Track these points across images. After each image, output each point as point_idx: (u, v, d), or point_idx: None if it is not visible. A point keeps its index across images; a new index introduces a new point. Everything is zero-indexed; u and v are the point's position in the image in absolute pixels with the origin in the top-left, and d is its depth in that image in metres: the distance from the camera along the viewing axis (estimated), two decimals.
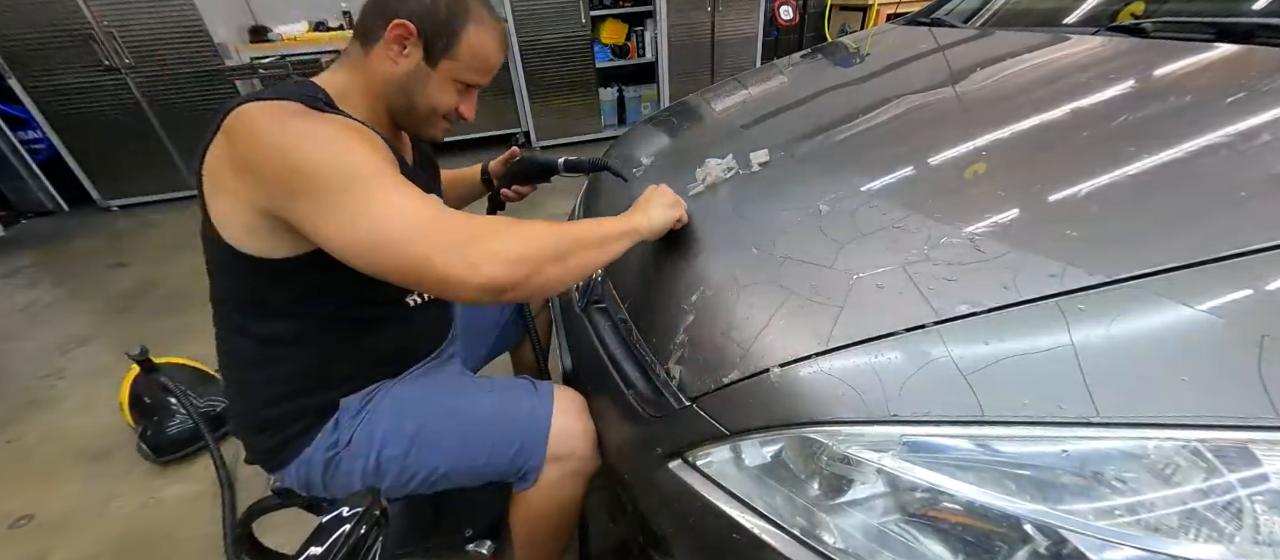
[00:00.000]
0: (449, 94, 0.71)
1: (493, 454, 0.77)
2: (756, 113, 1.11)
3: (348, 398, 0.76)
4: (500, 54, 0.73)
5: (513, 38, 3.45)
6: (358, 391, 0.77)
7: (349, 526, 0.46)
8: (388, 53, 0.67)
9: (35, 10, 2.64)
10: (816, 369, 0.50)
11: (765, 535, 0.51)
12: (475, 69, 0.71)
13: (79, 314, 2.23)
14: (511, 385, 0.85)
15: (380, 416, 0.76)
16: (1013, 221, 0.55)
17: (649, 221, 0.70)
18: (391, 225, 0.54)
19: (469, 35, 0.68)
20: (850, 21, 4.10)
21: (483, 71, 0.72)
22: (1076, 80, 0.79)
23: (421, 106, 0.71)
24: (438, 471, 0.76)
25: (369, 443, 0.74)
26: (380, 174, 0.57)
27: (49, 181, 3.14)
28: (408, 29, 0.65)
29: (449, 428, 0.77)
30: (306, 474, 0.75)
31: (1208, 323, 0.39)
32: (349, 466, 0.74)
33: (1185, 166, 0.55)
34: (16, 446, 1.56)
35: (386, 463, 0.74)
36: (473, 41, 0.68)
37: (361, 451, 0.74)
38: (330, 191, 0.55)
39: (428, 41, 0.67)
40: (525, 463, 0.77)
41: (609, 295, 0.84)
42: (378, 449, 0.74)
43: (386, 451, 0.74)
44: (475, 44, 0.69)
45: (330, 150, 0.56)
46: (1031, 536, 0.40)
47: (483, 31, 0.69)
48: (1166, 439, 0.38)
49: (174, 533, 1.27)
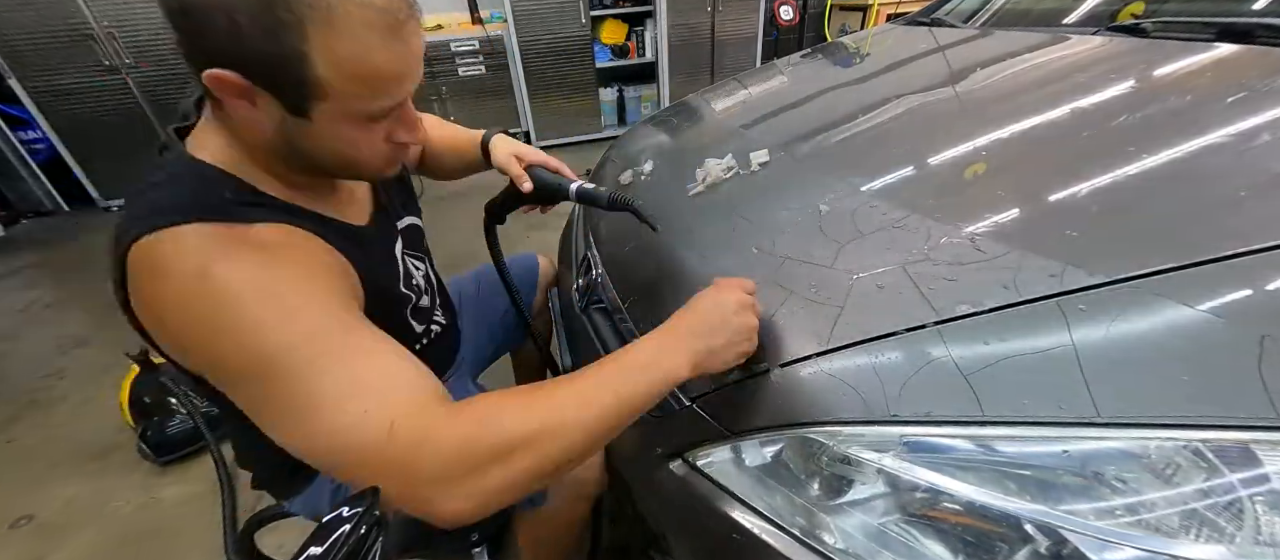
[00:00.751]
0: (360, 135, 0.49)
1: None
2: (757, 113, 1.11)
3: None
4: (391, 46, 0.45)
5: (513, 38, 3.45)
6: None
7: (349, 526, 0.46)
8: (240, 111, 0.46)
9: (35, 10, 2.64)
10: (817, 369, 0.50)
11: (765, 535, 0.51)
12: (366, 93, 0.46)
13: (79, 314, 2.23)
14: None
15: None
16: (1013, 221, 0.55)
17: (709, 362, 0.49)
18: (330, 443, 0.41)
19: (321, 52, 0.42)
20: (850, 21, 4.10)
21: (379, 90, 0.47)
22: (1076, 80, 0.79)
23: (332, 163, 0.52)
24: None
25: None
26: (323, 342, 0.43)
27: (49, 181, 3.14)
28: (231, 79, 0.43)
29: None
30: (315, 505, 0.73)
31: (1208, 323, 0.39)
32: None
33: (1185, 166, 0.55)
34: (16, 446, 1.56)
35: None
36: (334, 57, 0.43)
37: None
38: (258, 389, 0.43)
39: (271, 87, 0.44)
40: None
41: (609, 295, 0.84)
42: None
43: None
44: (340, 57, 0.43)
45: (251, 334, 0.42)
46: (1032, 536, 0.40)
47: (338, 32, 0.42)
48: (1167, 439, 0.37)
49: (174, 533, 1.27)
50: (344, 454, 0.41)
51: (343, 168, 0.54)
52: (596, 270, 0.93)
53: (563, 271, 1.17)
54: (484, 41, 3.45)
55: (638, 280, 0.80)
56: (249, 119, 0.47)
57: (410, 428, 0.41)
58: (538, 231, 2.50)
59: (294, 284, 0.45)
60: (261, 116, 0.47)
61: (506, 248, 0.96)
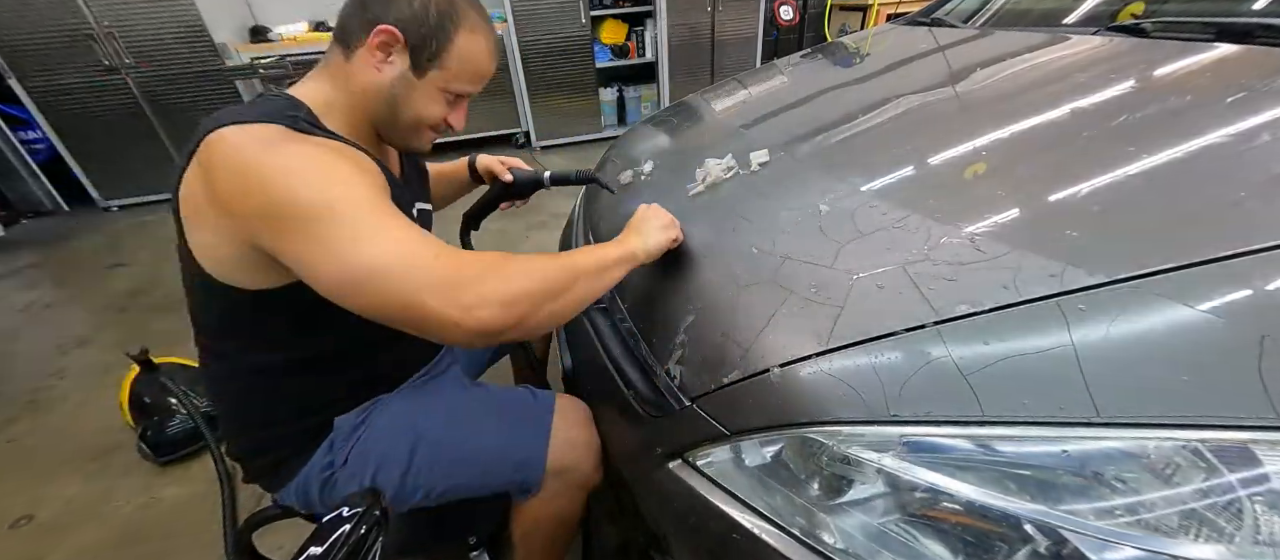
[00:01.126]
0: (437, 105, 0.67)
1: (490, 472, 0.76)
2: (757, 113, 1.11)
3: (342, 417, 0.74)
4: (492, 62, 0.69)
5: (513, 38, 3.45)
6: (352, 409, 0.74)
7: (349, 527, 0.46)
8: (371, 60, 0.63)
9: (35, 10, 2.64)
10: (817, 369, 0.50)
11: (765, 535, 0.51)
12: (465, 79, 0.67)
13: (79, 314, 2.23)
14: (511, 397, 0.83)
15: (376, 436, 0.74)
16: (1013, 221, 0.55)
17: (645, 245, 0.69)
18: (378, 263, 0.50)
19: (459, 43, 0.64)
20: (850, 21, 4.10)
21: (473, 81, 0.68)
22: (1076, 80, 0.79)
23: (406, 118, 0.67)
24: (435, 490, 0.74)
25: (364, 463, 0.72)
26: (369, 205, 0.54)
27: (49, 181, 3.14)
28: (393, 35, 0.61)
29: (446, 446, 0.75)
30: (305, 494, 0.74)
31: (1208, 323, 0.39)
32: (345, 486, 0.72)
33: (1185, 166, 0.55)
34: (16, 446, 1.56)
35: (383, 484, 0.72)
36: (463, 49, 0.64)
37: (357, 472, 0.72)
38: (315, 227, 0.51)
39: (414, 49, 0.63)
40: (525, 478, 0.76)
41: (609, 295, 0.84)
42: (374, 470, 0.72)
43: (382, 473, 0.72)
44: (466, 52, 0.65)
45: (314, 182, 0.53)
46: (1031, 536, 0.40)
47: (475, 38, 0.65)
48: (1166, 439, 0.37)
49: (174, 533, 1.27)
50: (392, 262, 0.50)
51: (408, 122, 0.68)
52: None
53: None
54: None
55: (637, 280, 0.80)
56: (370, 67, 0.63)
57: (450, 251, 0.54)
58: (538, 232, 2.51)
59: (346, 169, 0.56)
60: (386, 68, 0.63)
61: (509, 248, 0.97)
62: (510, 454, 0.75)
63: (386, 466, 0.72)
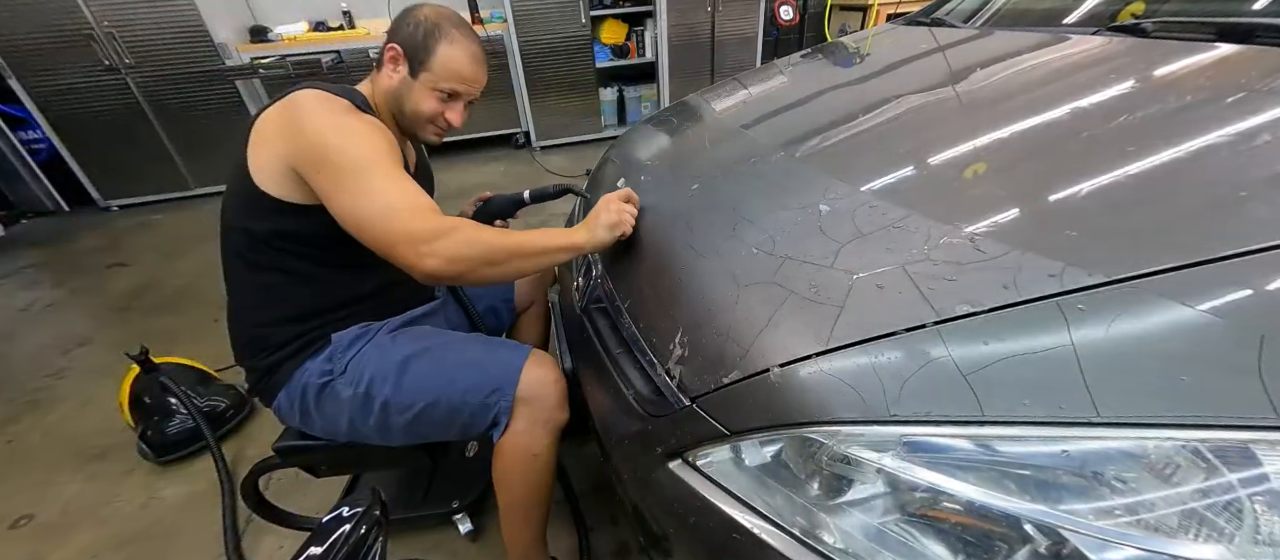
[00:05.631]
0: (430, 101, 0.87)
1: (469, 392, 0.85)
2: (757, 112, 1.11)
3: (339, 333, 0.87)
4: (473, 66, 0.87)
5: (513, 38, 3.46)
6: (348, 327, 0.88)
7: (349, 526, 0.46)
8: (387, 69, 0.87)
9: (35, 10, 2.64)
10: (816, 369, 0.50)
11: (765, 535, 0.51)
12: (448, 78, 0.86)
13: (79, 314, 2.23)
14: (491, 339, 0.99)
15: (371, 354, 0.87)
16: (1013, 221, 0.55)
17: (591, 238, 0.81)
18: (375, 210, 0.72)
19: (441, 52, 0.84)
20: (850, 21, 4.10)
21: (456, 80, 0.86)
22: (1076, 80, 0.79)
23: (409, 111, 0.88)
24: (417, 405, 0.85)
25: (359, 374, 0.85)
26: (386, 168, 0.74)
27: (49, 181, 3.14)
28: (397, 50, 0.85)
29: (432, 364, 0.88)
30: (301, 399, 0.86)
31: (1208, 323, 0.39)
32: (340, 393, 0.85)
33: (1185, 166, 0.55)
34: (16, 446, 1.56)
35: (375, 395, 0.85)
36: (443, 56, 0.85)
37: (352, 380, 0.85)
38: (344, 173, 0.73)
39: (410, 59, 0.85)
40: (498, 402, 0.85)
41: (609, 295, 0.84)
42: (367, 382, 0.85)
43: (375, 386, 0.85)
44: (446, 58, 0.85)
45: (355, 142, 0.74)
46: (1031, 536, 0.40)
47: (453, 48, 0.85)
48: (1166, 439, 0.37)
49: (174, 533, 1.27)
50: (386, 210, 0.71)
51: (411, 117, 0.89)
52: (597, 271, 0.93)
53: (563, 272, 1.18)
54: (484, 41, 3.45)
55: (637, 280, 0.80)
56: (387, 74, 0.87)
57: (425, 214, 0.73)
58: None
59: (378, 141, 0.77)
60: (395, 75, 0.87)
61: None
62: (487, 380, 0.85)
63: (378, 383, 0.85)
